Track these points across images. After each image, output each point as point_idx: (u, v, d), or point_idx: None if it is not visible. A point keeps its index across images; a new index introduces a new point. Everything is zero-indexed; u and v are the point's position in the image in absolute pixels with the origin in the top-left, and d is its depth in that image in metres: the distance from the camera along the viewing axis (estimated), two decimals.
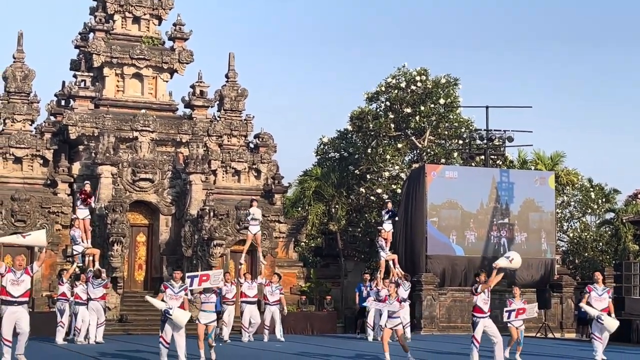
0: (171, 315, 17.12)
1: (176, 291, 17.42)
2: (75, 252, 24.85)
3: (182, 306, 17.34)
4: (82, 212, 25.42)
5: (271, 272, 30.59)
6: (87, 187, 25.91)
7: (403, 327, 25.58)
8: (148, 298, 18.21)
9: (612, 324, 20.02)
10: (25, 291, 16.25)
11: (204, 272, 19.20)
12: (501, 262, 17.87)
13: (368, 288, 27.57)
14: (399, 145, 39.84)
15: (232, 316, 25.31)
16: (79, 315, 23.12)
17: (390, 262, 27.19)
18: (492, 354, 17.54)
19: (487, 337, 17.53)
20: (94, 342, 22.91)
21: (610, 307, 19.91)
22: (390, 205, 28.73)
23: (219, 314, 25.36)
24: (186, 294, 17.56)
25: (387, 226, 27.99)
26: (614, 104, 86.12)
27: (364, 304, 26.11)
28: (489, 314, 17.60)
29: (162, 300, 17.39)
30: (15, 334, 16.10)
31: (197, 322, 18.42)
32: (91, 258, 24.70)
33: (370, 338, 25.93)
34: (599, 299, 18.31)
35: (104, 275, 23.67)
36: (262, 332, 25.73)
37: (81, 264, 24.42)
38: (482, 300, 17.50)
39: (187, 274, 19.03)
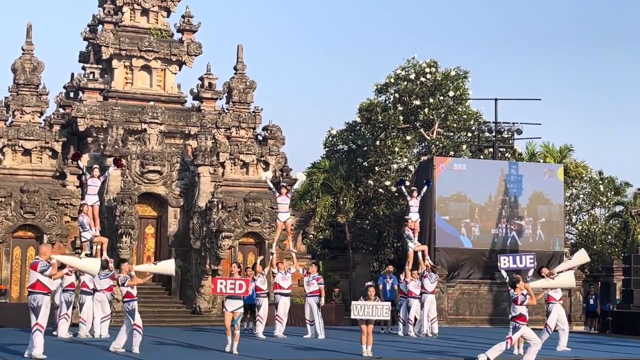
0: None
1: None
2: (83, 239, 24.40)
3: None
4: (92, 199, 24.96)
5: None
6: (96, 171, 25.71)
7: (430, 321, 25.29)
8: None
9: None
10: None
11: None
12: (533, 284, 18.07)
13: (391, 280, 27.04)
14: (408, 138, 39.82)
15: (267, 310, 24.11)
16: (85, 305, 22.30)
17: (420, 254, 26.28)
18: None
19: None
20: (99, 336, 22.24)
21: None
22: (415, 193, 26.94)
23: (252, 307, 24.48)
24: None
25: (414, 216, 26.78)
26: (624, 95, 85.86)
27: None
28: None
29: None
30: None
31: (224, 310, 18.23)
32: (99, 247, 24.27)
33: (400, 333, 25.33)
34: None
35: (111, 265, 23.22)
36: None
37: (89, 252, 23.97)
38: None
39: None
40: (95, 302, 22.32)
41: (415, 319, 25.13)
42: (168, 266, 18.85)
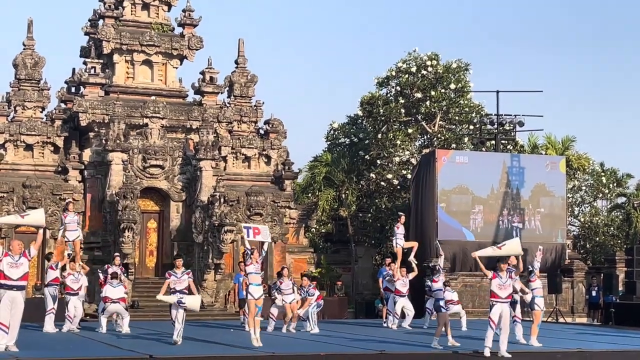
0: (185, 304, 18.21)
1: (179, 276, 18.52)
2: (65, 239, 23.51)
3: (186, 289, 18.50)
4: (72, 234, 22.79)
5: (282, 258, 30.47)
6: (71, 206, 24.31)
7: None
8: (160, 297, 19.05)
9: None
10: (23, 274, 16.24)
11: (256, 225, 19.60)
12: (479, 252, 17.95)
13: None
14: (410, 131, 39.74)
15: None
16: (69, 304, 21.79)
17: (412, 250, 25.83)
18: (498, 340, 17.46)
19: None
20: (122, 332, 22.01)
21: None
22: (402, 219, 25.74)
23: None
24: (189, 277, 18.76)
25: (400, 242, 26.21)
26: (626, 87, 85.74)
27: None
28: (507, 300, 17.32)
29: (168, 289, 18.58)
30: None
31: (248, 297, 18.01)
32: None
33: (390, 325, 25.13)
34: (503, 287, 17.51)
35: (122, 277, 23.02)
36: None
37: (71, 252, 23.29)
38: (497, 285, 17.28)
39: (243, 225, 19.66)
40: (115, 307, 21.86)
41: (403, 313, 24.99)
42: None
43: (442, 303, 19.32)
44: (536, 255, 20.84)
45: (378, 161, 39.49)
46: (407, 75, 39.86)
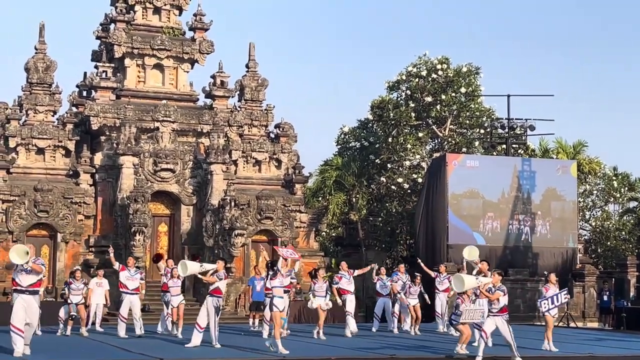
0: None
1: (221, 277, 18.84)
2: (69, 301, 23.04)
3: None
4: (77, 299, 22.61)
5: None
6: (78, 273, 23.79)
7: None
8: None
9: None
10: (35, 281, 16.14)
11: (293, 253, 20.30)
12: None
13: (405, 277, 26.67)
14: (420, 135, 39.70)
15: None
16: (66, 308, 22.07)
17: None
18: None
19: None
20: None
21: None
22: (417, 280, 25.38)
23: (260, 304, 24.10)
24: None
25: (413, 301, 25.10)
26: (638, 91, 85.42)
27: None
28: (500, 314, 17.26)
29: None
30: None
31: (273, 309, 17.87)
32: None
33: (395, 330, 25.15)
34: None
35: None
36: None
37: (75, 314, 22.17)
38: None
39: (283, 250, 20.34)
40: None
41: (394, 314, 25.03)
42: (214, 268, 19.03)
43: (457, 312, 19.12)
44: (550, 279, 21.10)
45: (388, 165, 39.46)
46: (417, 79, 39.82)
